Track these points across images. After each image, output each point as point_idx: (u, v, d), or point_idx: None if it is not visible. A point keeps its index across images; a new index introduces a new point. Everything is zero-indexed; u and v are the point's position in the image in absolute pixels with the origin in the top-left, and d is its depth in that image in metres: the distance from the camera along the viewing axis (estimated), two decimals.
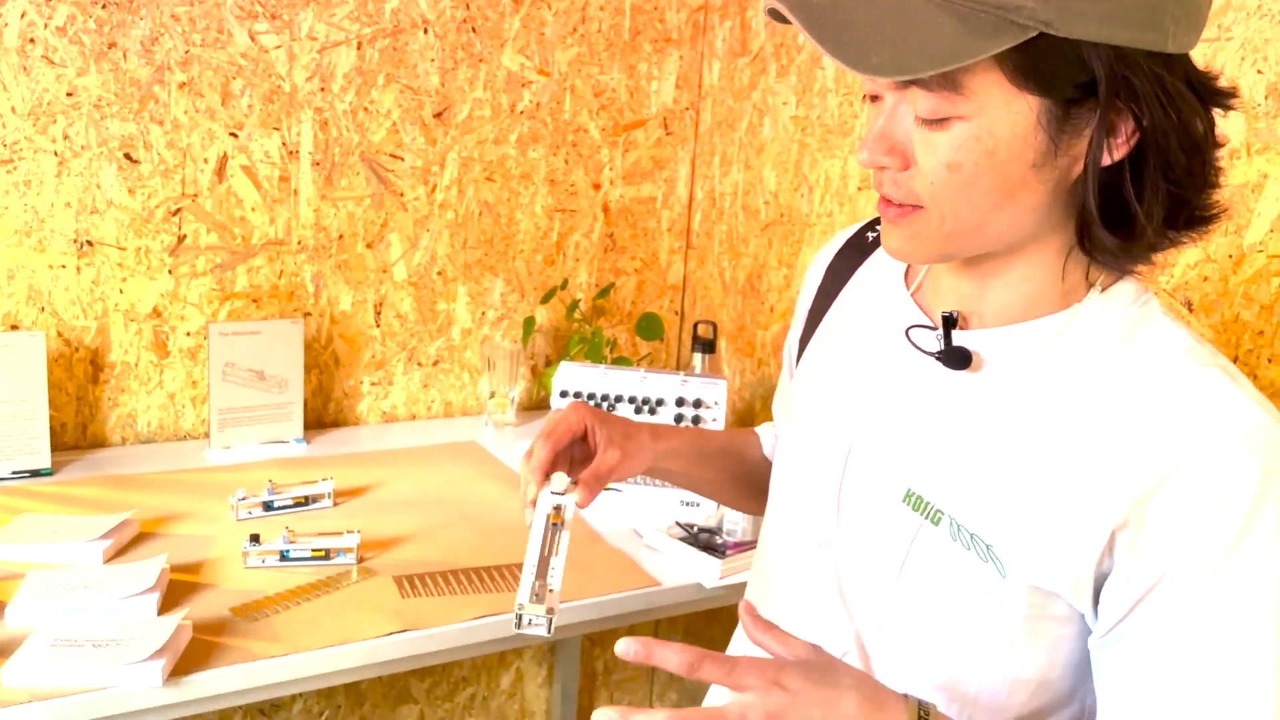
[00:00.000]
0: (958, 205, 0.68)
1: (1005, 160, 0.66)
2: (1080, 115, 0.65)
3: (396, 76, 1.81)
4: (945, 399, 0.76)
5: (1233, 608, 0.64)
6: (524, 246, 2.00)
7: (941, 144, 0.66)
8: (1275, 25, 1.16)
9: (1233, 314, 1.23)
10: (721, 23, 2.04)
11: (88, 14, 1.56)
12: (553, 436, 0.90)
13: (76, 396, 1.67)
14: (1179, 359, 0.69)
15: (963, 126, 0.65)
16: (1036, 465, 0.71)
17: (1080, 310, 0.73)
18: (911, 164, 0.68)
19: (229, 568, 1.29)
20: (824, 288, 0.94)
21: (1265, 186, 1.19)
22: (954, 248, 0.72)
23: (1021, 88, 0.64)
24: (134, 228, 1.66)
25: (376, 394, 1.93)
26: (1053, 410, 0.71)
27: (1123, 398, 0.69)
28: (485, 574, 1.32)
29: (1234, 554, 0.63)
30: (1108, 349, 0.71)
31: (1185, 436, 0.65)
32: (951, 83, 0.64)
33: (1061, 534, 0.68)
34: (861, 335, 0.87)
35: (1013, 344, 0.74)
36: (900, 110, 0.68)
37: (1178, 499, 0.65)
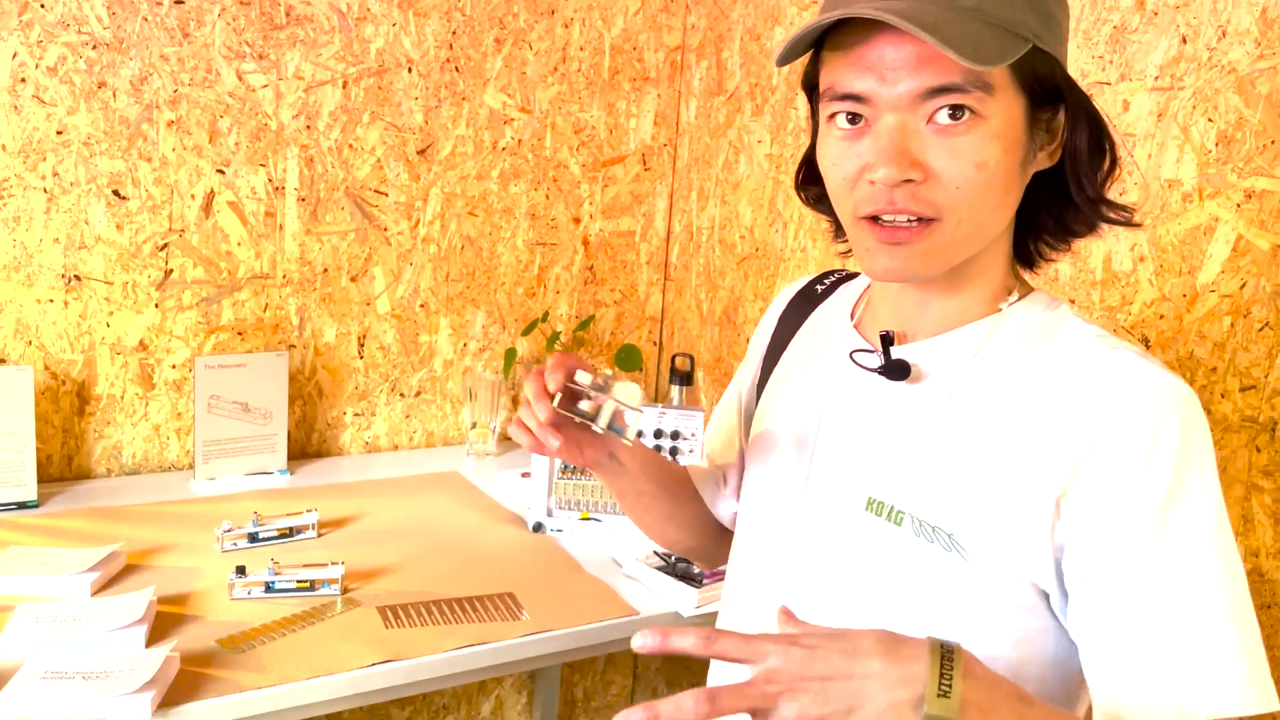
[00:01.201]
0: (975, 206, 0.75)
1: (1012, 158, 0.75)
2: (1040, 118, 0.77)
3: (381, 114, 1.85)
4: (892, 410, 0.84)
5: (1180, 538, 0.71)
6: (505, 279, 2.04)
7: (964, 147, 0.73)
8: (1225, 76, 1.22)
9: (1187, 350, 1.28)
10: (698, 62, 2.10)
11: (78, 54, 1.59)
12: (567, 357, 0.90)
13: (63, 429, 1.70)
14: (1093, 344, 0.78)
15: (983, 127, 0.73)
16: (982, 454, 0.78)
17: (1002, 315, 0.82)
18: (931, 175, 0.74)
19: (215, 599, 1.31)
20: (778, 334, 1.01)
21: (1216, 229, 1.24)
22: (960, 254, 0.79)
23: (1019, 91, 0.74)
24: (121, 262, 1.68)
25: (359, 424, 1.96)
26: (989, 404, 0.79)
27: (1049, 382, 0.77)
28: (467, 604, 1.35)
29: (1173, 493, 0.71)
30: (1031, 345, 0.80)
31: (1108, 404, 0.73)
32: (984, 84, 0.72)
33: (1012, 510, 0.75)
34: (813, 369, 0.94)
35: (946, 351, 0.82)
36: (909, 124, 0.74)
37: (1111, 457, 0.72)
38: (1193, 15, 1.25)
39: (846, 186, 0.78)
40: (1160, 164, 1.30)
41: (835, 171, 0.78)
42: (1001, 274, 0.83)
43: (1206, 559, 0.71)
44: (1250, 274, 1.21)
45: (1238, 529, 1.23)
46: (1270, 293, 1.19)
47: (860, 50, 0.74)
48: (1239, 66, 1.21)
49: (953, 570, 0.77)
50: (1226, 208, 1.23)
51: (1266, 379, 1.20)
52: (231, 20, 1.69)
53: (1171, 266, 1.29)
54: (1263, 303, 1.20)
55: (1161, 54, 1.29)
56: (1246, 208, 1.21)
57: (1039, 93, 0.76)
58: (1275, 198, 1.18)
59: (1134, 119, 1.32)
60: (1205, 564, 0.71)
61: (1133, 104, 1.32)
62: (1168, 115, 1.29)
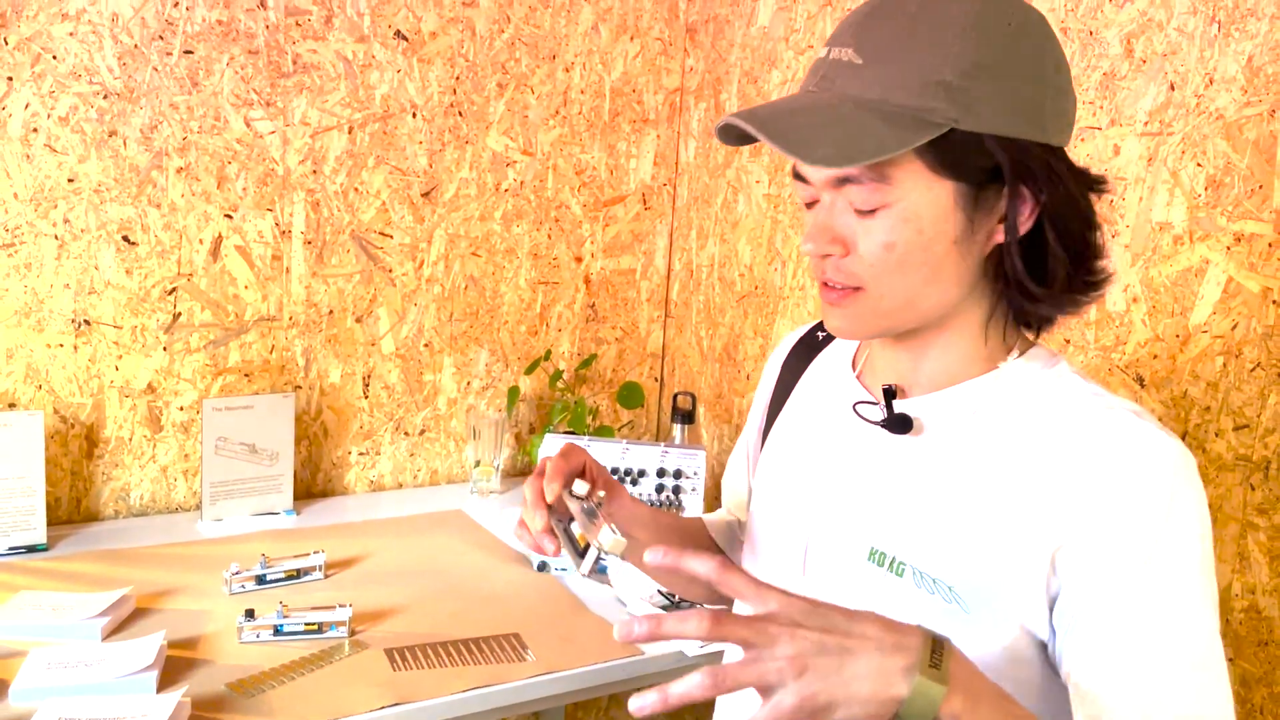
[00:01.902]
0: (893, 282, 0.79)
1: (931, 238, 0.77)
2: (989, 196, 0.77)
3: (386, 158, 1.88)
4: (894, 462, 0.86)
5: (1166, 583, 0.73)
6: (508, 318, 2.07)
7: (876, 228, 0.77)
8: (1213, 122, 1.25)
9: (1181, 390, 1.30)
10: (696, 104, 2.13)
11: (89, 104, 1.63)
12: (569, 457, 0.94)
13: (71, 471, 1.71)
14: (1091, 404, 0.80)
15: (893, 211, 0.76)
16: (980, 508, 0.80)
17: (1001, 372, 0.84)
18: (852, 250, 0.79)
19: (224, 643, 1.33)
20: (782, 381, 1.03)
21: (1207, 271, 1.27)
22: (892, 322, 0.82)
23: (939, 174, 0.76)
24: (130, 307, 1.71)
25: (364, 464, 1.97)
26: (988, 459, 0.81)
27: (1047, 440, 0.79)
28: (473, 645, 1.36)
29: (1160, 542, 0.73)
30: (1029, 403, 0.82)
31: (1104, 463, 0.75)
32: (881, 175, 0.75)
33: (1010, 564, 0.77)
34: (817, 418, 0.96)
35: (946, 406, 0.84)
36: (837, 205, 0.79)
37: (1102, 513, 0.74)
38: (1180, 63, 1.28)
39: (806, 255, 0.84)
40: (1151, 207, 1.33)
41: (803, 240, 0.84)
42: (992, 337, 0.84)
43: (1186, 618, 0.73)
44: (1241, 315, 1.23)
45: (1234, 566, 1.25)
46: (1261, 334, 1.21)
47: None
48: (1226, 113, 1.24)
49: (953, 621, 0.79)
50: (1217, 250, 1.26)
51: (1259, 418, 1.22)
52: (240, 69, 1.73)
53: (1164, 307, 1.32)
54: (1254, 343, 1.22)
55: (1151, 100, 1.32)
56: (1236, 250, 1.24)
57: (977, 174, 0.76)
58: (1264, 241, 1.21)
59: (1125, 163, 1.35)
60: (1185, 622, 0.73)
61: (1123, 148, 1.35)
62: (1158, 160, 1.32)
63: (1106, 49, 1.37)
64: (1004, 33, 0.75)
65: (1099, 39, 1.37)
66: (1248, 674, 1.24)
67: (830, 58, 0.78)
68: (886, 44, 0.76)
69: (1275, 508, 1.21)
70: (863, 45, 0.76)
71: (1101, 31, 1.37)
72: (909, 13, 0.76)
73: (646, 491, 1.61)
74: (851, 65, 0.76)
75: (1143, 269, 1.34)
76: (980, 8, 0.75)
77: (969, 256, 0.79)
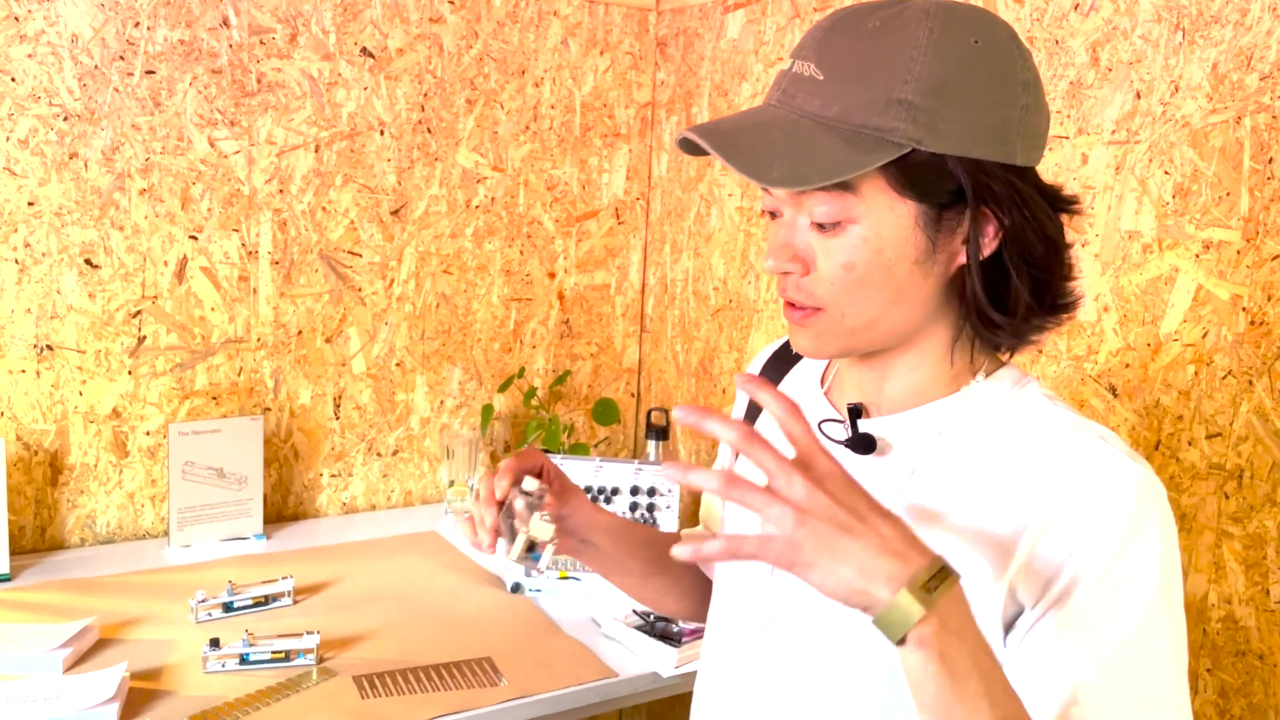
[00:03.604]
0: (854, 302, 0.77)
1: (893, 259, 0.75)
2: (952, 217, 0.75)
3: (354, 176, 1.86)
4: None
5: (1119, 611, 0.71)
6: (481, 335, 2.05)
7: (836, 247, 0.75)
8: (1180, 129, 1.25)
9: (1153, 399, 1.29)
10: (668, 118, 2.12)
11: (49, 126, 1.60)
12: (524, 457, 0.93)
13: (35, 499, 1.68)
14: (1057, 425, 0.78)
15: (854, 230, 0.74)
16: (942, 531, 0.78)
17: (968, 393, 0.81)
18: (812, 269, 0.77)
19: (189, 673, 1.30)
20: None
21: (1176, 279, 1.26)
22: (855, 342, 0.80)
23: (901, 194, 0.74)
24: (94, 331, 1.68)
25: (336, 485, 1.95)
26: (951, 481, 0.79)
27: (1010, 461, 0.77)
28: (444, 670, 1.34)
29: (1116, 567, 0.71)
30: (995, 424, 0.80)
31: (1067, 484, 0.73)
32: (847, 185, 0.73)
33: (972, 587, 0.74)
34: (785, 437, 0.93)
35: (911, 427, 0.82)
36: (799, 222, 0.77)
37: (1059, 537, 0.72)
38: (1145, 71, 1.28)
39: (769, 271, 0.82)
40: (1120, 215, 1.32)
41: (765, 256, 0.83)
42: (958, 357, 0.82)
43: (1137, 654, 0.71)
44: (1211, 323, 1.23)
45: (1209, 576, 1.24)
46: (1232, 341, 1.21)
47: None
48: (1192, 120, 1.24)
49: None
50: (1186, 258, 1.25)
51: (1231, 426, 1.21)
52: (203, 89, 1.71)
53: (1135, 316, 1.31)
54: (1225, 351, 1.21)
55: (1117, 109, 1.32)
56: (1205, 258, 1.23)
57: (939, 193, 0.74)
58: (1232, 248, 1.20)
59: (1092, 171, 1.35)
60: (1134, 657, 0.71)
61: (1091, 157, 1.35)
62: (1125, 168, 1.31)
63: (1073, 58, 1.36)
64: (968, 51, 0.72)
65: (1065, 48, 1.37)
66: (1226, 685, 1.23)
67: (793, 71, 0.76)
68: (848, 60, 0.74)
69: (1249, 516, 1.20)
70: (823, 60, 0.74)
71: (1067, 40, 1.37)
72: (870, 29, 0.73)
73: (620, 510, 1.59)
74: (813, 80, 0.74)
75: (1113, 278, 1.33)
76: (943, 25, 0.72)
77: (931, 278, 0.77)
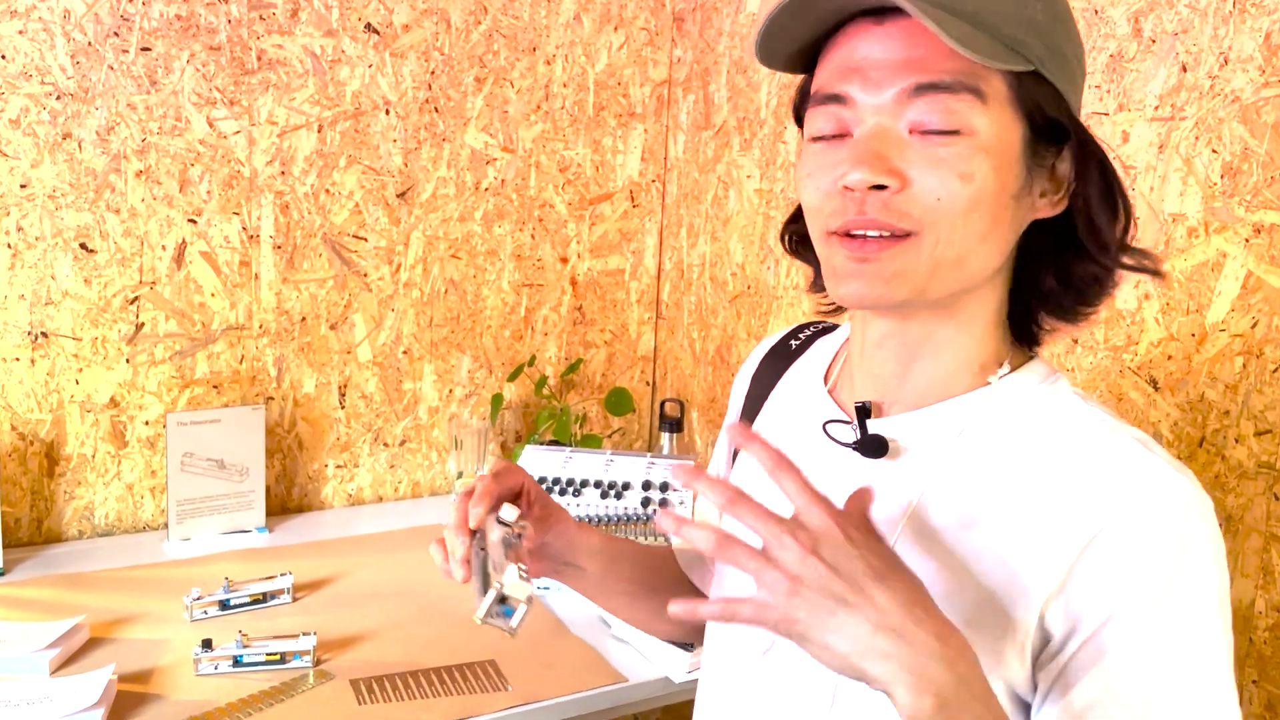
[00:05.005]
0: (954, 226, 0.67)
1: (1002, 181, 0.67)
2: (1045, 156, 0.70)
3: (358, 158, 1.80)
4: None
5: (1178, 646, 0.64)
6: (491, 322, 1.99)
7: (949, 155, 0.66)
8: (1229, 105, 1.16)
9: (1198, 393, 1.21)
10: (685, 96, 2.05)
11: (42, 105, 1.55)
12: (502, 478, 0.86)
13: (31, 491, 1.64)
14: (1093, 430, 0.70)
15: (969, 140, 0.66)
16: (961, 546, 0.70)
17: (993, 389, 0.74)
18: (908, 184, 0.66)
19: (180, 675, 1.25)
20: (751, 395, 0.93)
21: (1224, 265, 1.18)
22: (934, 283, 0.69)
23: (1018, 113, 0.67)
24: (90, 318, 1.63)
25: (342, 476, 1.89)
26: (974, 489, 0.71)
27: (1042, 471, 0.69)
28: (446, 674, 1.28)
29: (1168, 594, 0.64)
30: (1023, 426, 0.72)
31: (1107, 500, 0.66)
32: (976, 89, 0.65)
33: (994, 613, 0.68)
34: (785, 438, 0.85)
35: (928, 426, 0.74)
36: (890, 131, 0.67)
37: (1103, 560, 0.65)
38: (1192, 42, 1.20)
39: (820, 198, 0.69)
40: (1163, 197, 1.24)
41: (809, 183, 0.70)
42: (993, 340, 0.75)
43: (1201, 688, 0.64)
44: (1262, 312, 1.15)
45: (1257, 582, 1.16)
46: None
47: (847, 52, 0.68)
48: (1243, 95, 1.15)
49: None
50: (1234, 243, 1.17)
51: None
52: (201, 66, 1.65)
53: (1178, 304, 1.23)
54: (1276, 343, 1.13)
55: (1161, 83, 1.23)
56: (1256, 243, 1.15)
57: (1040, 123, 0.68)
58: None
59: (1134, 150, 1.26)
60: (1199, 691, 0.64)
61: (1132, 135, 1.26)
62: (1169, 146, 1.23)
63: (1113, 28, 1.28)
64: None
65: (1105, 18, 1.29)
66: (1274, 697, 1.15)
67: None
68: None
69: None
70: None
71: (1107, 10, 1.28)
72: None
73: (632, 505, 1.53)
74: None
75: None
76: None
77: (1016, 221, 0.70)
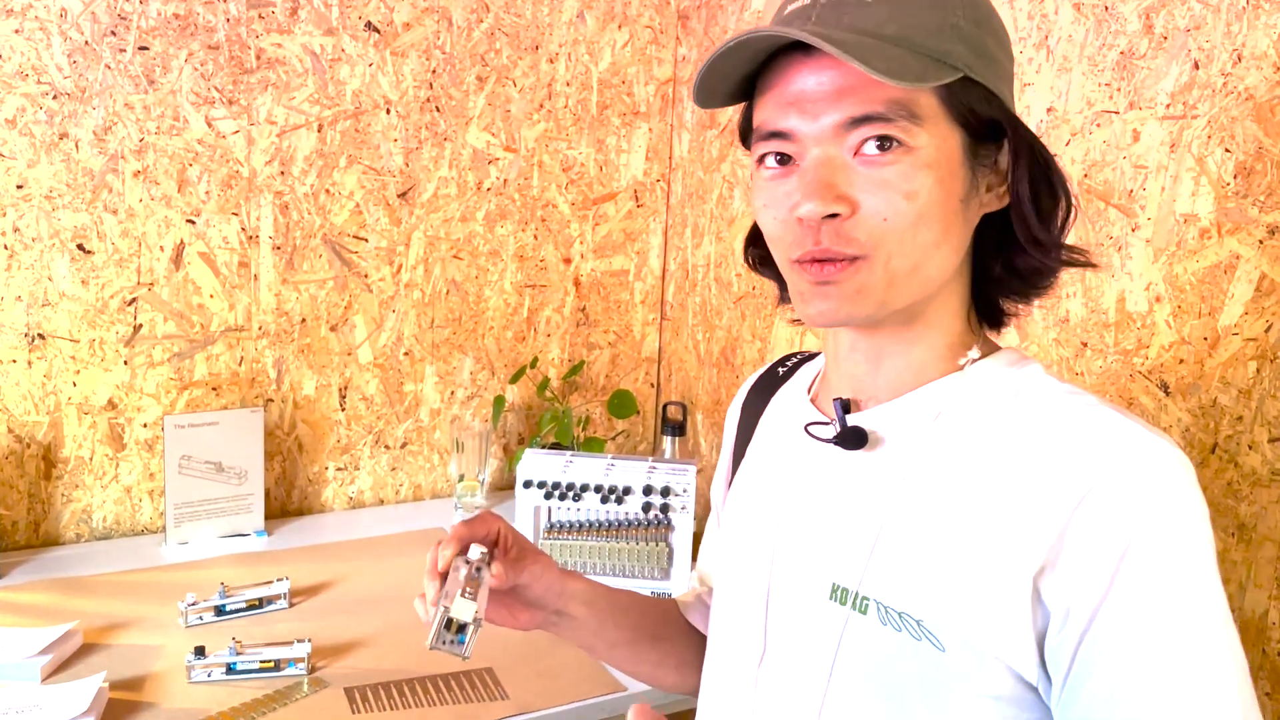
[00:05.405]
0: (903, 242, 0.69)
1: (947, 191, 0.70)
2: (986, 155, 0.72)
3: (359, 158, 1.78)
4: (850, 483, 0.76)
5: (1178, 615, 0.63)
6: (493, 323, 1.97)
7: (893, 176, 0.68)
8: (1243, 103, 1.13)
9: (1210, 398, 1.18)
10: (690, 95, 2.02)
11: (38, 105, 1.53)
12: (474, 525, 0.86)
13: (28, 494, 1.62)
14: (1065, 403, 0.71)
15: (910, 159, 0.68)
16: (947, 528, 0.70)
17: (965, 374, 0.75)
18: (857, 208, 0.69)
19: (173, 683, 1.23)
20: (743, 425, 0.94)
21: (1237, 267, 1.15)
22: (894, 295, 0.72)
23: (953, 122, 0.70)
24: (87, 319, 1.62)
25: (342, 479, 1.88)
26: (954, 470, 0.71)
27: (1019, 447, 0.69)
28: (441, 683, 1.26)
29: (1165, 555, 0.63)
30: (997, 406, 0.73)
31: (1085, 469, 0.66)
32: (911, 112, 0.68)
33: (987, 591, 0.67)
34: (773, 453, 0.86)
35: (905, 414, 0.75)
36: (839, 157, 0.69)
37: (1091, 527, 0.64)
38: (1205, 39, 1.17)
39: (779, 229, 0.72)
40: (1175, 197, 1.21)
41: (766, 214, 0.73)
42: (959, 327, 0.76)
43: (1215, 638, 0.64)
44: (1276, 315, 1.12)
45: (1271, 593, 1.13)
46: None
47: (782, 86, 0.70)
48: (1257, 93, 1.12)
49: (924, 660, 0.68)
50: (1248, 244, 1.14)
51: None
52: (199, 65, 1.63)
53: (1190, 307, 1.20)
54: None
55: (1172, 80, 1.20)
56: (1270, 244, 1.12)
57: (977, 127, 0.71)
58: None
59: (1145, 150, 1.23)
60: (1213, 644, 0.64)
61: (1143, 134, 1.23)
62: (1181, 145, 1.20)
63: (1124, 25, 1.25)
64: None
65: (1114, 14, 1.26)
66: None
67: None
68: None
69: None
70: None
71: (1118, 6, 1.25)
72: None
73: (633, 511, 1.50)
74: (859, 3, 0.69)
75: (1166, 265, 1.22)
76: None
77: (965, 222, 0.72)
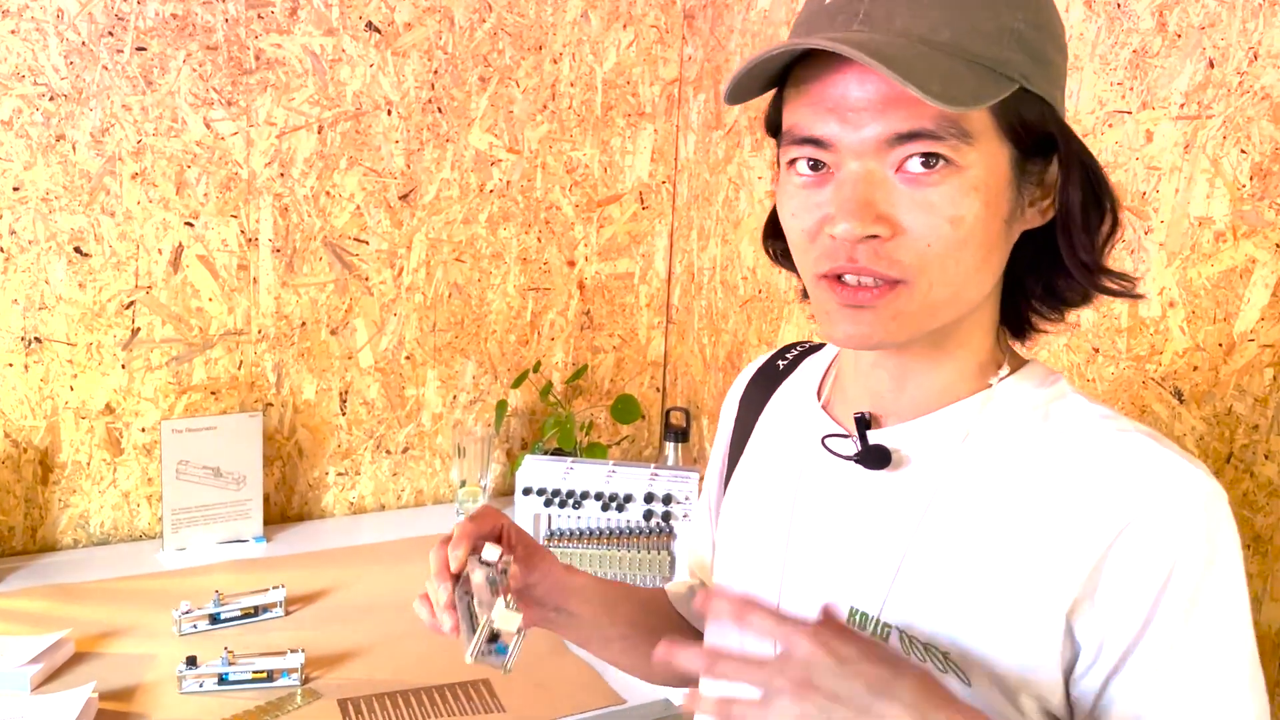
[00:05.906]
0: (946, 268, 0.64)
1: (993, 213, 0.65)
2: (1032, 171, 0.67)
3: (360, 159, 1.76)
4: (872, 503, 0.72)
5: (1212, 648, 0.62)
6: (496, 327, 1.94)
7: (938, 199, 0.63)
8: (1259, 102, 1.10)
9: (1225, 406, 1.15)
10: (695, 95, 2.00)
11: (34, 107, 1.52)
12: (480, 521, 0.83)
13: (25, 499, 1.61)
14: (1100, 428, 0.68)
15: (958, 179, 0.63)
16: (976, 558, 0.67)
17: (994, 392, 0.71)
18: (899, 230, 0.63)
19: (164, 693, 1.21)
20: (741, 419, 0.90)
21: (1254, 272, 1.12)
22: (930, 321, 0.67)
23: (1004, 138, 0.64)
24: (85, 323, 1.60)
25: (343, 484, 1.86)
26: (982, 495, 0.68)
27: (1053, 474, 0.66)
28: (437, 694, 1.24)
29: (1201, 596, 0.62)
30: (1027, 427, 0.69)
31: (1123, 500, 0.63)
32: (963, 130, 0.62)
33: (1017, 626, 0.65)
34: (781, 458, 0.82)
35: (931, 434, 0.71)
36: (880, 173, 0.63)
37: (1129, 562, 0.62)
38: (1220, 36, 1.13)
39: (806, 240, 0.67)
40: (1189, 199, 1.18)
41: (794, 223, 0.67)
42: (989, 345, 0.72)
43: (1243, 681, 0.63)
44: None
45: None
46: None
47: (821, 89, 0.64)
48: (1273, 92, 1.09)
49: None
50: (1264, 248, 1.11)
51: None
52: (198, 66, 1.61)
53: (1205, 313, 1.17)
54: None
55: (1187, 79, 1.17)
56: None
57: (1027, 141, 0.65)
58: None
59: (1158, 150, 1.20)
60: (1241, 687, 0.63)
61: (1156, 134, 1.20)
62: (1195, 146, 1.17)
63: (1136, 22, 1.22)
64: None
65: (1127, 11, 1.22)
66: None
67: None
68: None
69: None
70: None
71: (1130, 4, 1.22)
72: None
73: (634, 518, 1.48)
74: (910, 1, 0.62)
75: (1180, 269, 1.19)
76: None
77: (1009, 243, 0.67)
